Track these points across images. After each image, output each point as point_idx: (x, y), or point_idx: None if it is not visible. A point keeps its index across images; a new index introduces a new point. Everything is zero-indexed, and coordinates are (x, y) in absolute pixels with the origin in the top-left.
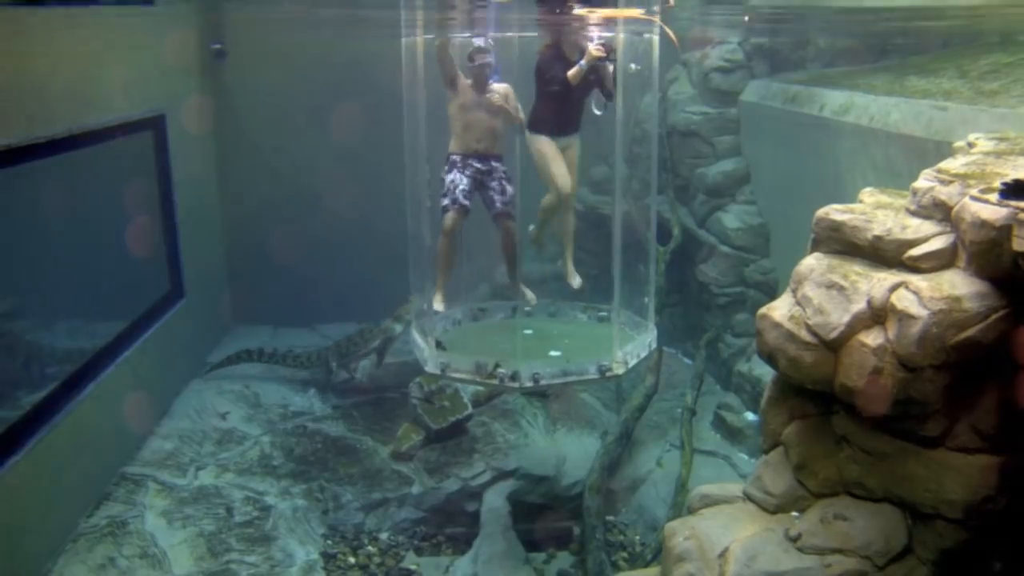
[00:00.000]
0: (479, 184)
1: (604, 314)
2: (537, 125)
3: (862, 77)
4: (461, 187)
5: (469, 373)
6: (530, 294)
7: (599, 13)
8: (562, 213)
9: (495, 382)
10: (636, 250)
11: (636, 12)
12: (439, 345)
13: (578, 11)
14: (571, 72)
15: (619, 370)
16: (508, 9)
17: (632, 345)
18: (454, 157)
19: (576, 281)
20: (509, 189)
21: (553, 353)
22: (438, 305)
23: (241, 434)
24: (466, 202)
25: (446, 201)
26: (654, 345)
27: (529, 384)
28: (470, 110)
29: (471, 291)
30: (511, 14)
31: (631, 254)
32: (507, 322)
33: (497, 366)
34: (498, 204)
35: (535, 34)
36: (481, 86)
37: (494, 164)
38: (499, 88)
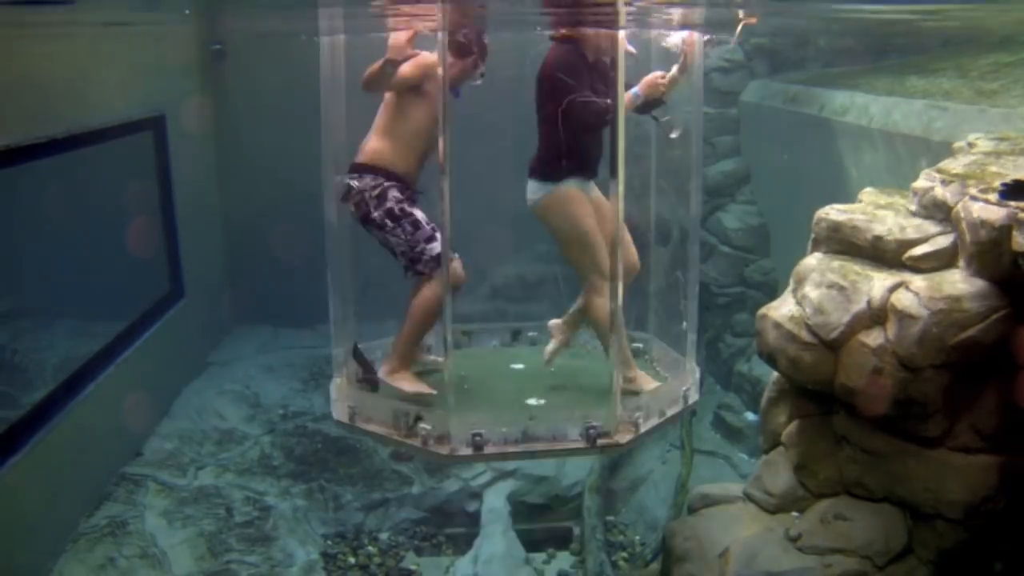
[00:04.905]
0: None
1: (638, 345)
2: (562, 168)
3: (862, 77)
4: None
5: (385, 427)
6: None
7: None
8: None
9: (416, 443)
10: (675, 260)
11: None
12: (368, 375)
13: None
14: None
15: (624, 437)
16: None
17: (656, 393)
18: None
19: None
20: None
21: (531, 402)
22: (408, 386)
23: (241, 434)
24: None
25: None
26: (695, 397)
27: (467, 451)
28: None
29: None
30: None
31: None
32: (501, 350)
33: (418, 419)
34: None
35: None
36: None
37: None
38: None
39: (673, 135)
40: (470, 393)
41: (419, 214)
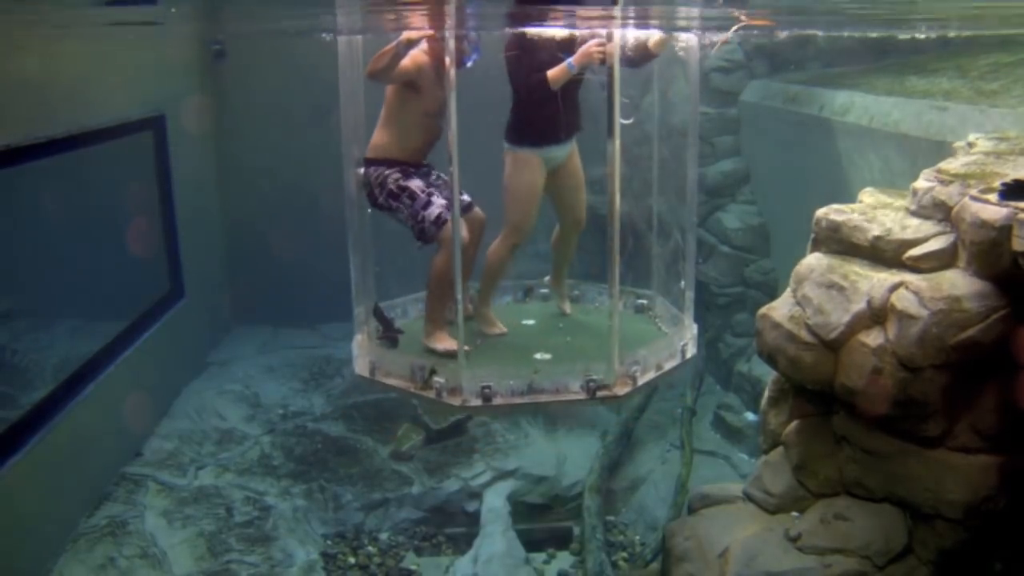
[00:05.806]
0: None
1: (644, 301)
2: (516, 135)
3: (862, 77)
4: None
5: (403, 380)
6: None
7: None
8: (565, 244)
9: (430, 395)
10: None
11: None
12: (387, 332)
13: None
14: (553, 72)
15: (621, 389)
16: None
17: (653, 348)
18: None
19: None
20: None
21: (538, 356)
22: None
23: (241, 434)
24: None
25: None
26: (692, 351)
27: (476, 403)
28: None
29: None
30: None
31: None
32: (514, 306)
33: (433, 373)
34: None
35: None
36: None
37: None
38: None
39: (626, 121)
40: (482, 348)
41: (414, 184)
